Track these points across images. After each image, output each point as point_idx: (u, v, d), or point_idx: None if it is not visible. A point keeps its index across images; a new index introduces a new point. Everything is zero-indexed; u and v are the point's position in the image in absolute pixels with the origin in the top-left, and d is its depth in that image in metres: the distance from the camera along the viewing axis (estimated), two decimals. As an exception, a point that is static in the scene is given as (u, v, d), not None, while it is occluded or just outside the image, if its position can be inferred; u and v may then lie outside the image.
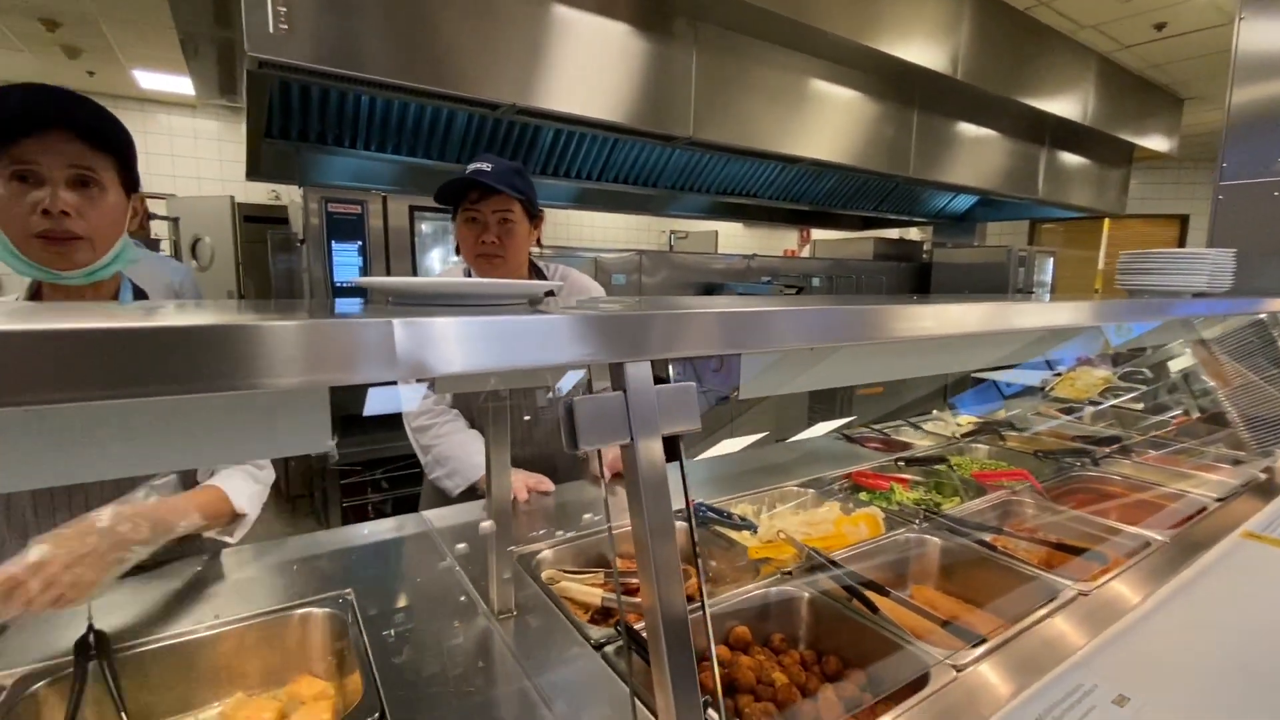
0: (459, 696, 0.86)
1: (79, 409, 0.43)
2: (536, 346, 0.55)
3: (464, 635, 0.99)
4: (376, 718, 0.80)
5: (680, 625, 0.59)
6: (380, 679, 0.87)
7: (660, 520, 0.60)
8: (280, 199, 6.01)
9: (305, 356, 0.44)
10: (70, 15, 4.06)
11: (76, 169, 0.99)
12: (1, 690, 0.84)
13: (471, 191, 1.50)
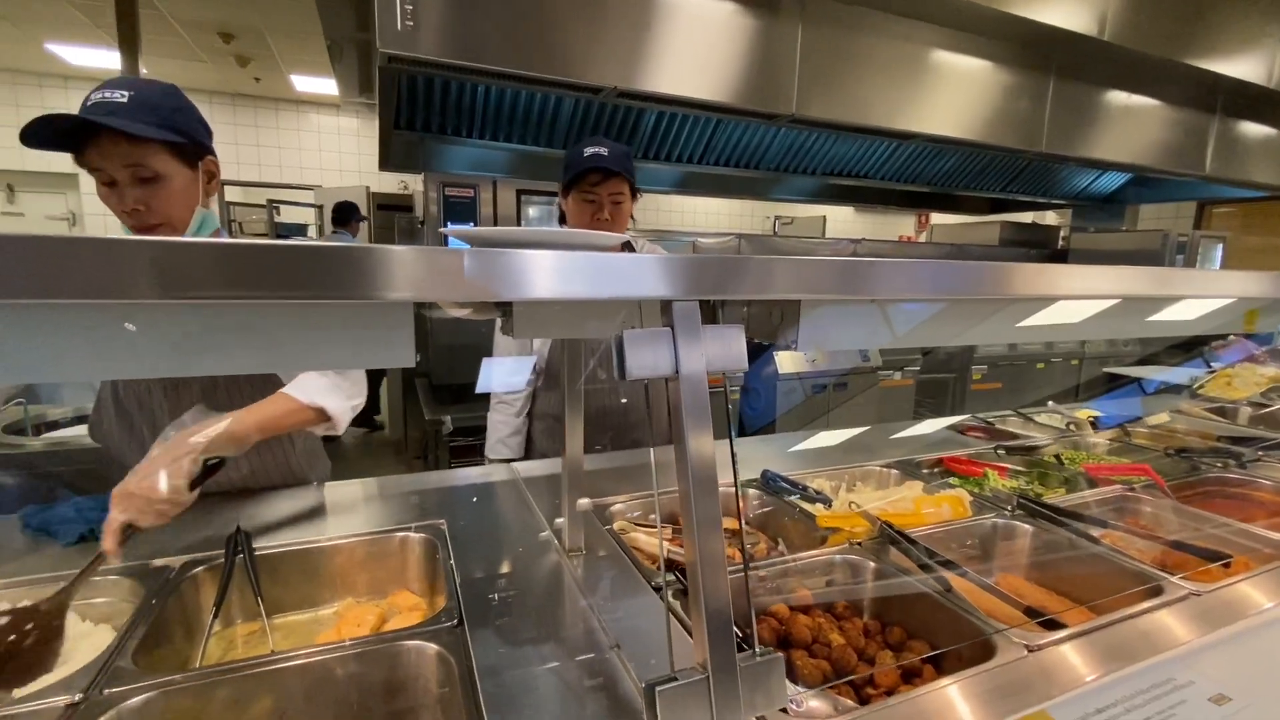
0: (526, 611, 0.94)
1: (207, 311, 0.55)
2: (595, 280, 0.60)
3: (537, 565, 1.08)
4: (455, 623, 0.90)
5: (713, 521, 0.62)
6: (461, 593, 0.97)
7: (701, 448, 0.63)
8: (407, 188, 6.56)
9: (408, 277, 0.53)
10: (243, 28, 4.67)
11: (133, 167, 1.10)
12: (172, 570, 1.03)
13: (592, 174, 1.60)
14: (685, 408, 0.64)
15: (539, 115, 3.44)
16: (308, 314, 0.59)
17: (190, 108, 1.18)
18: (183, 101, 1.17)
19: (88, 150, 1.08)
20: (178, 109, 1.16)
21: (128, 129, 1.05)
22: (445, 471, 1.54)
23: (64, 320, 0.55)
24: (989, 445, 1.81)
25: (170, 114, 1.13)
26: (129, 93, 1.09)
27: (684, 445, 0.63)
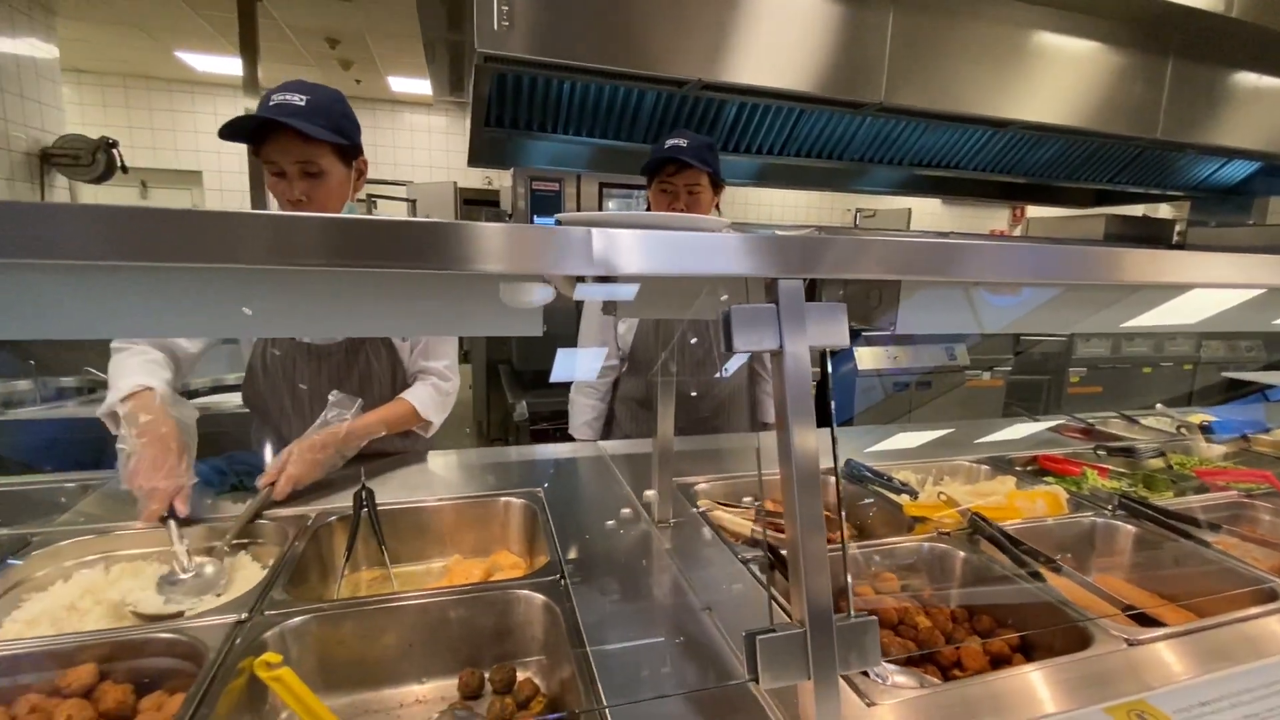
0: (621, 572, 1.01)
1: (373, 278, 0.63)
2: (702, 257, 0.65)
3: (628, 532, 1.15)
4: (558, 577, 0.98)
5: (812, 477, 0.66)
6: (560, 553, 1.05)
7: (803, 420, 0.67)
8: (491, 183, 6.82)
9: (545, 253, 0.60)
10: (347, 33, 5.00)
11: (303, 163, 1.27)
12: (309, 519, 1.17)
13: (669, 164, 1.66)
14: (787, 379, 0.67)
15: (621, 109, 3.51)
16: (453, 285, 0.67)
17: (351, 113, 1.34)
18: (347, 107, 1.33)
19: (267, 144, 1.25)
20: (343, 114, 1.32)
21: (305, 129, 1.21)
22: (539, 445, 1.64)
23: (257, 283, 0.65)
24: (1088, 446, 1.73)
25: (338, 118, 1.29)
26: (306, 97, 1.24)
27: (785, 412, 0.67)
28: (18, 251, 0.50)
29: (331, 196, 1.31)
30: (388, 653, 0.91)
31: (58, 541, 1.06)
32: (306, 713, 0.78)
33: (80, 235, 0.52)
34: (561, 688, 0.89)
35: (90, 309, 0.63)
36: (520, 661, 0.93)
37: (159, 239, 0.54)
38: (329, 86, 1.32)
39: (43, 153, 4.40)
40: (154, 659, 0.82)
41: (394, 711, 0.87)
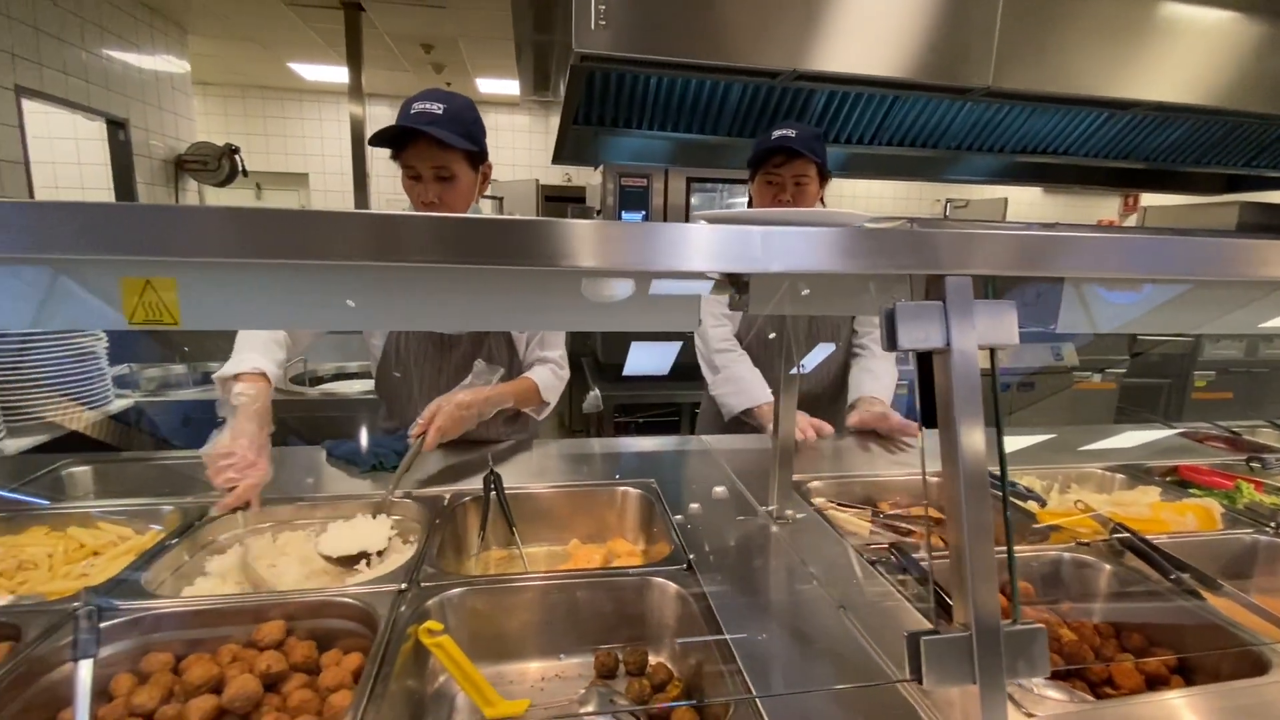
0: (746, 564, 1.02)
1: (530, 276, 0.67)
2: (853, 254, 0.65)
3: (746, 526, 1.16)
4: (685, 566, 1.00)
5: (980, 481, 0.64)
6: (684, 543, 1.07)
7: (971, 421, 0.65)
8: (570, 180, 6.95)
9: (715, 251, 0.61)
10: (441, 39, 5.22)
11: (438, 167, 1.35)
12: (444, 499, 1.24)
13: (777, 155, 1.63)
14: (955, 378, 0.66)
15: (706, 103, 3.50)
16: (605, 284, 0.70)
17: (480, 119, 1.42)
18: (477, 114, 1.41)
19: (407, 150, 1.35)
20: (475, 121, 1.40)
21: (443, 138, 1.29)
22: (645, 438, 1.67)
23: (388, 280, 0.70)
24: (1237, 457, 1.59)
25: (470, 125, 1.37)
26: (443, 105, 1.32)
27: (952, 413, 0.66)
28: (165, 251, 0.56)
29: (460, 199, 1.39)
30: (528, 628, 0.96)
31: (233, 510, 1.18)
32: (464, 678, 0.84)
33: (247, 236, 0.58)
34: (694, 674, 0.91)
35: (227, 302, 0.69)
36: (652, 646, 0.96)
37: (320, 237, 0.59)
38: (461, 95, 1.39)
39: (177, 159, 4.85)
40: (330, 620, 0.90)
41: (536, 684, 0.92)
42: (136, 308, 0.62)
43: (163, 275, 0.62)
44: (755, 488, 1.33)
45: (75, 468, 1.36)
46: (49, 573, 1.05)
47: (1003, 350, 1.25)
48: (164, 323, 0.62)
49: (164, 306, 0.62)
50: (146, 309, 0.62)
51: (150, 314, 0.62)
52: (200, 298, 0.64)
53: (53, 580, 1.04)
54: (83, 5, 3.90)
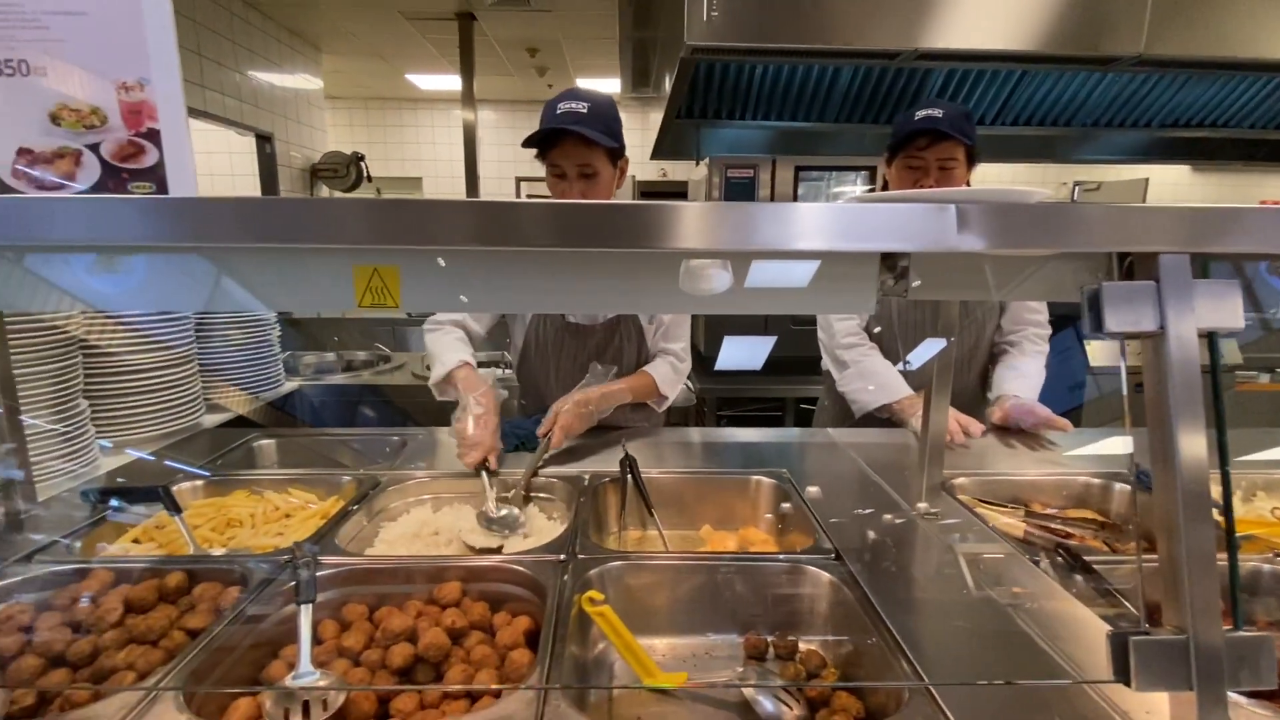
0: (900, 558, 1.00)
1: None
2: (1051, 232, 0.62)
3: (893, 520, 1.13)
4: (833, 556, 0.99)
5: (1200, 475, 0.60)
6: (828, 534, 1.07)
7: (1190, 417, 0.61)
8: (666, 175, 6.98)
9: (897, 229, 0.61)
10: (544, 41, 5.40)
11: (582, 165, 1.41)
12: (584, 478, 1.30)
13: (920, 137, 1.56)
14: (1171, 367, 0.62)
15: (814, 89, 3.40)
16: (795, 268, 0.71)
17: (619, 116, 1.47)
18: (617, 112, 1.47)
19: (553, 150, 1.42)
20: (615, 119, 1.46)
21: (590, 135, 1.36)
22: (768, 429, 1.67)
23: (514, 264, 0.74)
24: None
25: (611, 122, 1.43)
26: (587, 104, 1.39)
27: (1166, 407, 0.61)
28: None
29: (601, 194, 1.45)
30: (678, 605, 0.99)
31: (400, 483, 1.30)
32: (624, 646, 0.88)
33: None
34: (847, 662, 0.91)
35: (438, 287, 0.75)
36: (801, 633, 0.96)
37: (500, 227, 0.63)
38: (601, 93, 1.45)
39: (312, 168, 5.33)
40: (500, 584, 0.97)
41: (687, 660, 0.95)
42: (365, 292, 0.70)
43: (387, 263, 0.69)
44: (894, 482, 1.29)
45: (262, 440, 1.54)
46: (252, 530, 1.21)
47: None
48: (386, 306, 0.70)
49: (387, 291, 0.70)
50: (373, 293, 0.70)
51: (376, 298, 0.70)
52: (416, 283, 0.72)
53: (255, 537, 1.19)
54: (236, 31, 4.36)
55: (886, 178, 1.78)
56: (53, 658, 0.83)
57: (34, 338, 1.23)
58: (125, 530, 1.15)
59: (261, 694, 0.75)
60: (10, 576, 0.95)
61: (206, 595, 0.92)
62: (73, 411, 1.28)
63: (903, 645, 0.78)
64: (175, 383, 1.52)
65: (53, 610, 0.89)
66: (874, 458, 1.46)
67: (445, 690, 0.80)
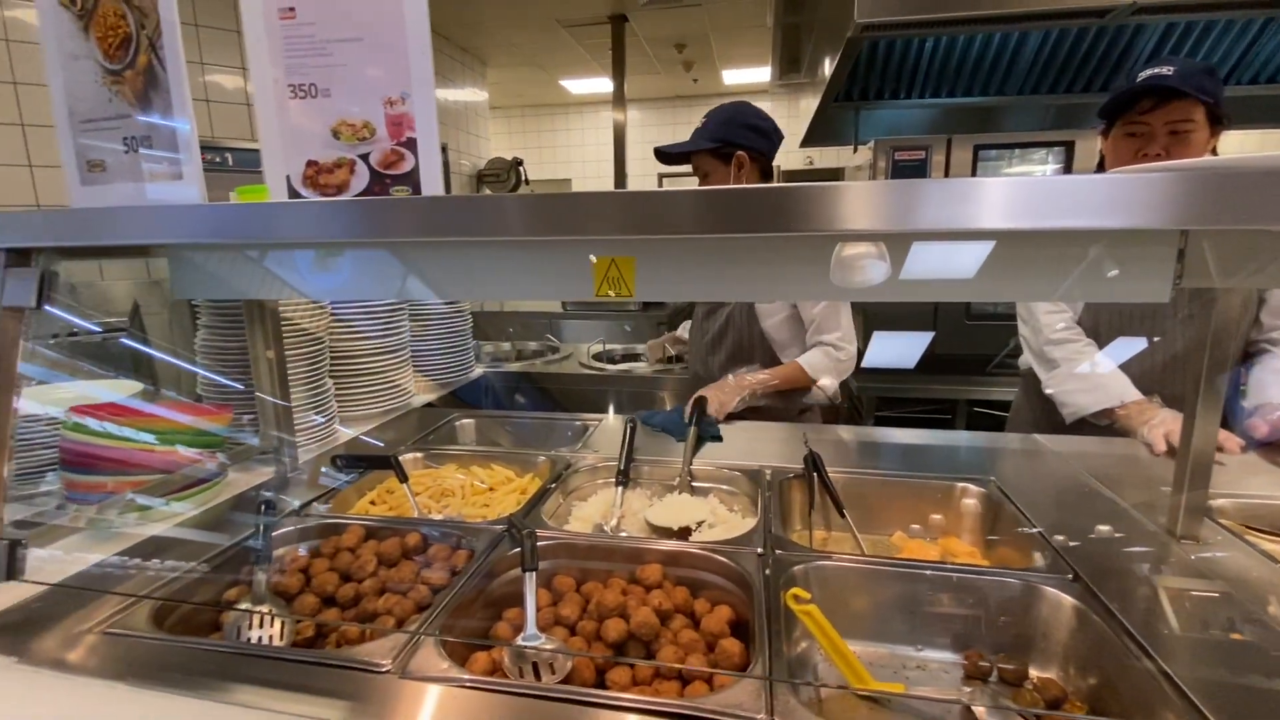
0: (1150, 577, 0.87)
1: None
2: None
3: (1138, 543, 0.99)
4: (1070, 577, 0.89)
5: None
6: (1062, 554, 0.95)
7: None
8: (813, 163, 6.72)
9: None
10: (692, 36, 5.41)
11: (701, 177, 1.73)
12: (767, 473, 1.28)
13: (1144, 100, 1.35)
14: None
15: (994, 60, 3.09)
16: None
17: (733, 121, 1.67)
18: (732, 116, 1.68)
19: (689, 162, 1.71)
20: (724, 123, 1.67)
21: (703, 147, 1.62)
22: (962, 432, 1.54)
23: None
24: None
25: (716, 128, 1.66)
26: (705, 118, 1.66)
27: None
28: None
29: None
30: (884, 612, 0.94)
31: (588, 465, 1.36)
32: (831, 648, 0.85)
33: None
34: (1094, 697, 0.80)
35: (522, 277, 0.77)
36: (1033, 658, 0.87)
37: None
38: (727, 104, 1.71)
39: (478, 174, 5.79)
40: (697, 570, 0.98)
41: (899, 671, 0.90)
42: (602, 281, 0.73)
43: (624, 254, 0.72)
44: (1131, 500, 1.13)
45: (463, 420, 1.70)
46: (461, 500, 1.33)
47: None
48: (620, 295, 0.73)
49: (623, 280, 0.72)
50: (610, 283, 0.73)
51: (613, 287, 0.73)
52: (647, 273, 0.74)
53: (465, 506, 1.31)
54: (421, 54, 4.85)
55: (1103, 151, 1.56)
56: (324, 598, 0.98)
57: (293, 326, 1.45)
58: (363, 493, 1.32)
59: (501, 649, 0.82)
60: (284, 527, 1.12)
61: (440, 555, 1.03)
62: (321, 389, 1.49)
63: (1186, 690, 0.67)
64: (394, 367, 1.72)
65: (321, 557, 1.05)
66: (1098, 470, 1.28)
67: (657, 669, 0.82)
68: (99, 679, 0.74)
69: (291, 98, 0.92)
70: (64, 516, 1.13)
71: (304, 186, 0.94)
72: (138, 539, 1.06)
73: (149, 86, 0.90)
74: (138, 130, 0.92)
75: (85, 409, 1.15)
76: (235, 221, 0.82)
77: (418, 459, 1.45)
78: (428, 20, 0.89)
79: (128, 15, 0.89)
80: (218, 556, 1.02)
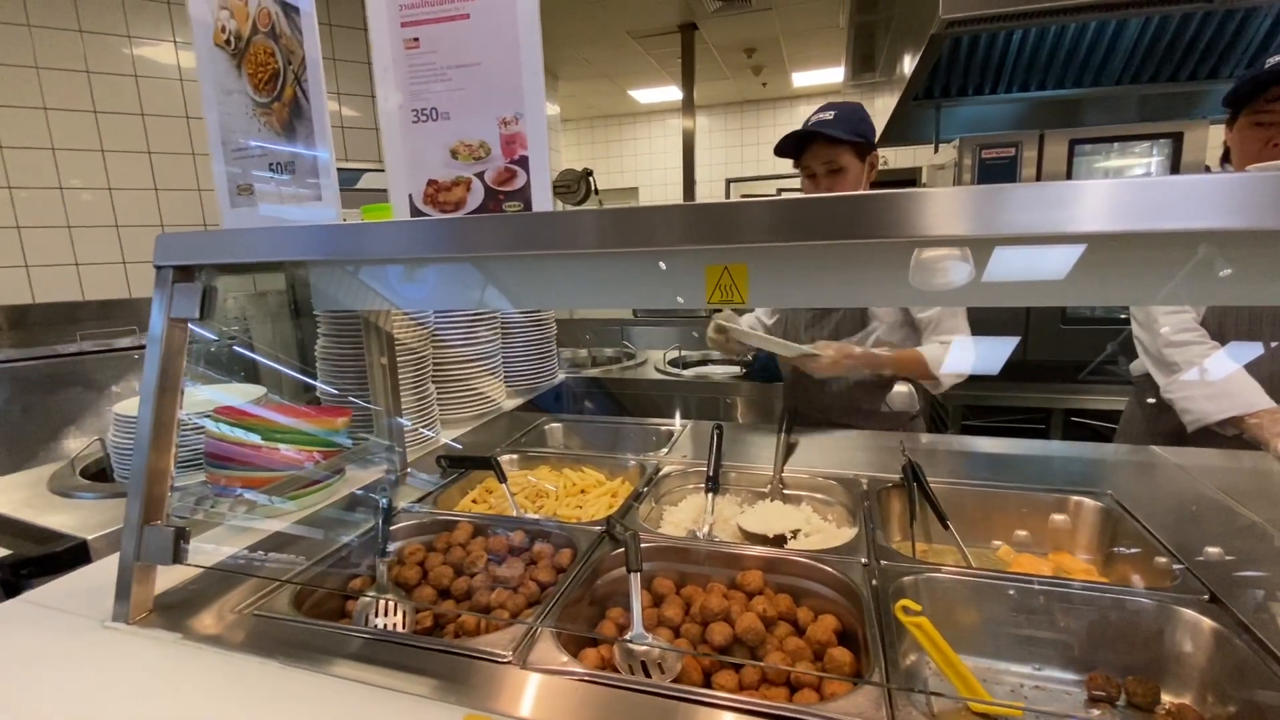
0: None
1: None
2: None
3: (1274, 561, 0.91)
4: (1206, 598, 0.83)
5: None
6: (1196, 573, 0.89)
7: None
8: (887, 163, 6.52)
9: None
10: (762, 40, 5.37)
11: (828, 163, 1.58)
12: (863, 482, 1.26)
13: (1274, 87, 1.27)
14: None
15: (1088, 51, 2.93)
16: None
17: (867, 119, 1.61)
18: (865, 114, 1.61)
19: (805, 153, 1.62)
20: (861, 119, 1.60)
21: (831, 134, 1.53)
22: (1069, 443, 1.47)
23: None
24: None
25: (856, 123, 1.57)
26: (834, 112, 1.57)
27: None
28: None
29: (849, 188, 1.56)
30: (998, 627, 0.90)
31: (678, 469, 1.38)
32: (945, 662, 0.82)
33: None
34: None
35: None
36: (1164, 682, 0.82)
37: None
38: (854, 102, 1.62)
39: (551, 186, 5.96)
40: (799, 578, 0.98)
41: (1016, 689, 0.87)
42: (715, 289, 0.75)
43: (737, 262, 0.74)
44: (1264, 514, 1.04)
45: (551, 424, 1.76)
46: (555, 501, 1.37)
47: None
48: (734, 302, 0.75)
49: (736, 288, 0.74)
50: (722, 290, 0.75)
51: (725, 295, 0.75)
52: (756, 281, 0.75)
53: (559, 507, 1.35)
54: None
55: (1228, 142, 1.46)
56: (440, 590, 1.04)
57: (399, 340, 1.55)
58: (465, 493, 1.39)
59: (611, 646, 0.84)
60: (400, 521, 1.20)
61: (544, 553, 1.07)
62: (424, 395, 1.58)
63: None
64: (486, 373, 1.80)
65: (435, 551, 1.11)
66: (1225, 484, 1.19)
67: (764, 674, 0.83)
68: (254, 655, 0.82)
69: (414, 122, 0.99)
70: (206, 510, 1.25)
71: (425, 204, 1.01)
72: (267, 533, 1.16)
73: (294, 117, 0.99)
74: (282, 158, 1.01)
75: (223, 410, 1.27)
76: (368, 239, 0.89)
77: (512, 460, 1.51)
78: (540, 44, 0.94)
79: (276, 53, 0.98)
80: (342, 549, 1.10)
